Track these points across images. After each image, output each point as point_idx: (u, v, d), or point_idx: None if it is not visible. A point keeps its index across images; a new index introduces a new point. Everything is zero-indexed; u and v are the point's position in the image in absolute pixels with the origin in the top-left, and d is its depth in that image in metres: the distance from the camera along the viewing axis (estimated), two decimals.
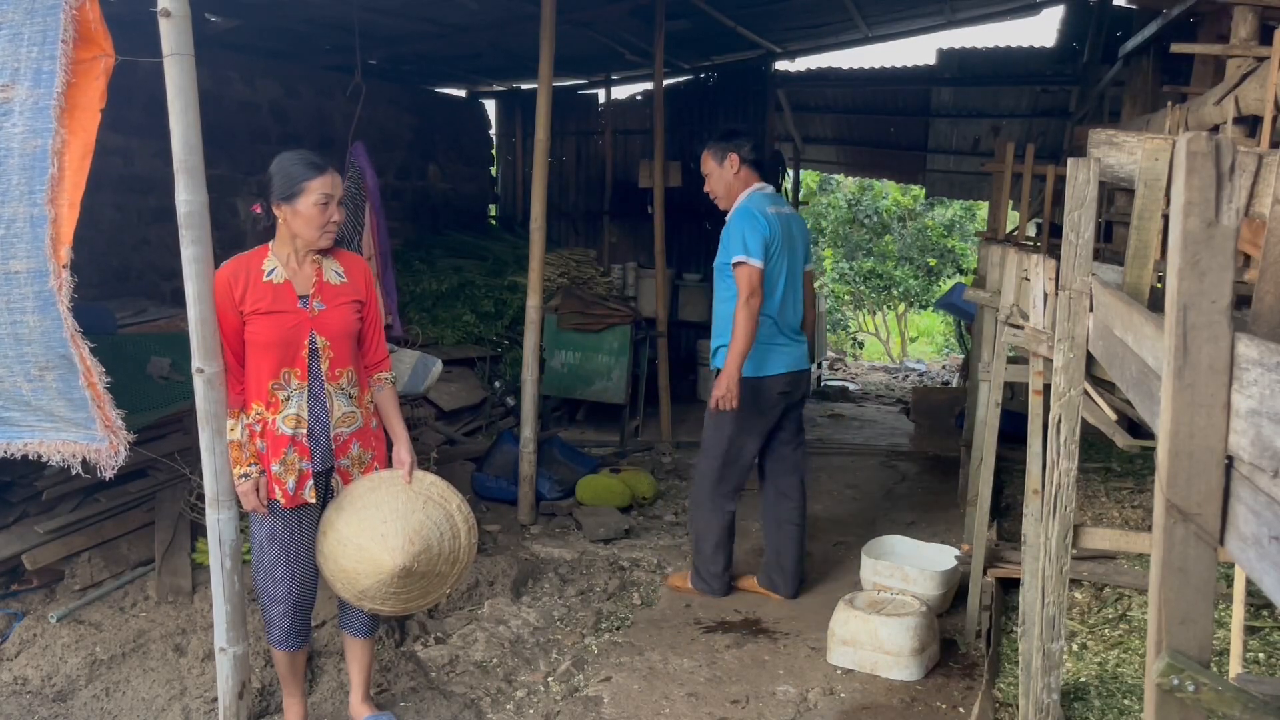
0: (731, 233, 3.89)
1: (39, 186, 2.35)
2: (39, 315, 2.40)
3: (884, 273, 14.75)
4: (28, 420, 2.56)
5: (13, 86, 2.36)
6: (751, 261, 3.76)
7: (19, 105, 2.37)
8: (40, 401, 2.50)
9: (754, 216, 3.86)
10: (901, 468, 6.36)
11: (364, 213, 4.99)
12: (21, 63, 2.36)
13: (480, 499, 5.15)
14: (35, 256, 2.37)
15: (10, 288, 2.39)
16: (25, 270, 2.37)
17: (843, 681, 3.39)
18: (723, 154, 3.99)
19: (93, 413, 2.49)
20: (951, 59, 8.48)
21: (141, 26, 2.50)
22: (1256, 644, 3.03)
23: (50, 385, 2.46)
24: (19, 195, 2.36)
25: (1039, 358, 2.56)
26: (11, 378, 2.47)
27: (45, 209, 2.35)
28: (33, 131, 2.36)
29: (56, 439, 2.54)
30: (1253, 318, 1.35)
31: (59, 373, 2.45)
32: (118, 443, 2.53)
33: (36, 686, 3.20)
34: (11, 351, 2.44)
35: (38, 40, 2.36)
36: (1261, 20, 3.54)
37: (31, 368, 2.44)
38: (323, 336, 2.75)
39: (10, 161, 2.37)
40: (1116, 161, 2.32)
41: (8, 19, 2.39)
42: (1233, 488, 1.08)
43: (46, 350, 2.42)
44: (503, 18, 6.14)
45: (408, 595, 2.84)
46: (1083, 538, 2.25)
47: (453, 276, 7.32)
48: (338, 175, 2.76)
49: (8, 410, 2.55)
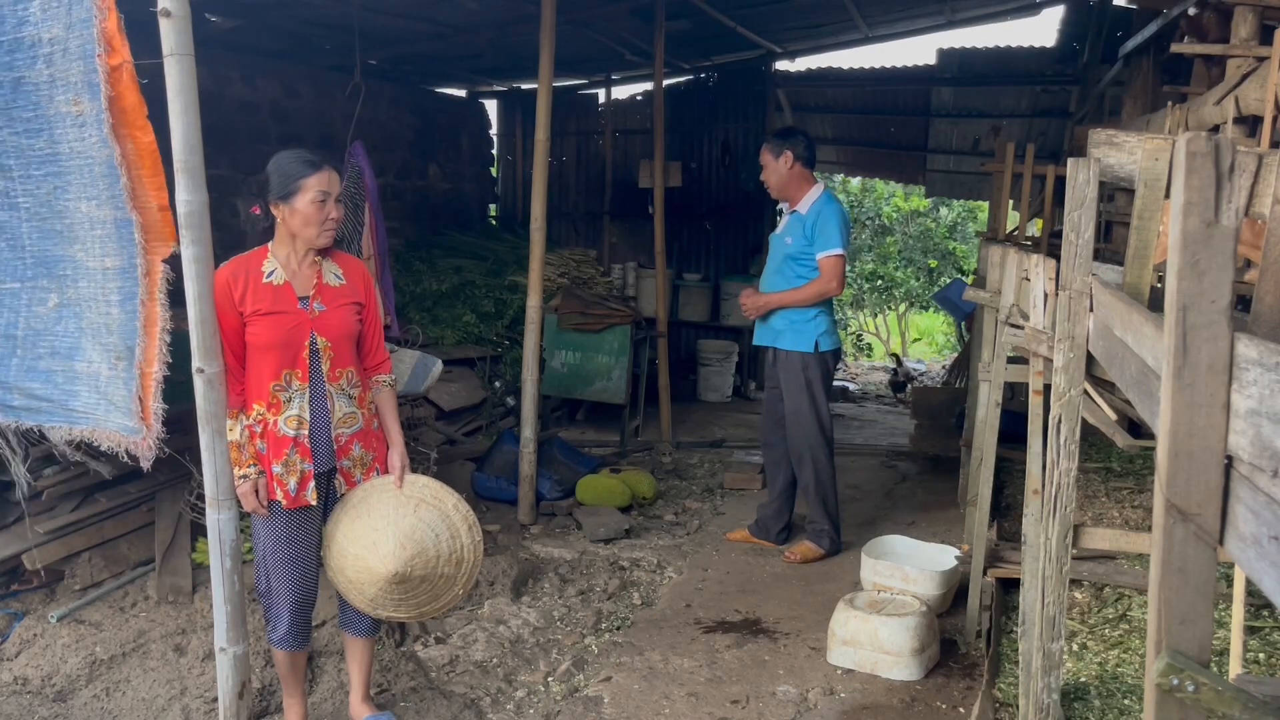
0: (827, 225, 4.39)
1: (119, 191, 2.52)
2: (119, 309, 2.61)
3: (885, 274, 14.76)
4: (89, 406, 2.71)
5: (81, 100, 2.50)
6: (844, 254, 4.42)
7: (88, 117, 2.51)
8: (110, 389, 2.66)
9: (845, 213, 4.49)
10: (901, 468, 6.36)
11: (363, 212, 4.99)
12: (77, 77, 2.49)
13: (480, 499, 5.15)
14: (121, 255, 2.58)
15: (105, 281, 2.62)
16: (115, 267, 2.60)
17: (843, 681, 3.39)
18: (779, 150, 4.50)
19: (134, 403, 2.62)
20: (951, 59, 8.48)
21: (141, 26, 2.50)
22: (1256, 644, 3.03)
23: (120, 374, 2.64)
24: (107, 199, 2.55)
25: (1039, 358, 2.55)
26: (100, 363, 2.67)
27: (130, 214, 2.52)
28: (102, 142, 2.50)
29: (108, 427, 2.68)
30: (1253, 318, 1.35)
31: (126, 363, 2.63)
32: (150, 436, 2.63)
33: (36, 686, 3.20)
34: (105, 339, 2.65)
35: (80, 54, 2.47)
36: (1261, 20, 3.54)
37: (112, 356, 2.64)
38: (323, 338, 2.75)
39: (95, 169, 2.54)
40: (1116, 161, 2.32)
41: (55, 35, 2.50)
42: (1232, 488, 1.08)
43: (121, 341, 2.62)
44: (503, 18, 6.14)
45: (417, 600, 2.84)
46: (1083, 538, 2.25)
47: (453, 276, 7.32)
48: (335, 172, 2.75)
49: (77, 397, 2.71)
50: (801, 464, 4.57)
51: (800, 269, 4.49)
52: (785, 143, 4.50)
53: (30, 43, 2.53)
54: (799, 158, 4.49)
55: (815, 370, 4.49)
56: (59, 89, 2.53)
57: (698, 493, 5.71)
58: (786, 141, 4.51)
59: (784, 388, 4.57)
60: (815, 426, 4.51)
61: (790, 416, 4.56)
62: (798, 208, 4.52)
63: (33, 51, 2.53)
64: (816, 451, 4.53)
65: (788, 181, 4.52)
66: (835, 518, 4.62)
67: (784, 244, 4.54)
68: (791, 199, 4.56)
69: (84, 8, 2.45)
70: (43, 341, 2.71)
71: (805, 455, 4.54)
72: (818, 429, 4.51)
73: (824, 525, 4.58)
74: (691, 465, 6.33)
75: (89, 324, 2.66)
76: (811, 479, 4.55)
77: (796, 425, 4.53)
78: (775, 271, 4.61)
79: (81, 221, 2.60)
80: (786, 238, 4.54)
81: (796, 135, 4.58)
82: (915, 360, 13.88)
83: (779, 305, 4.52)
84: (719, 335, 8.77)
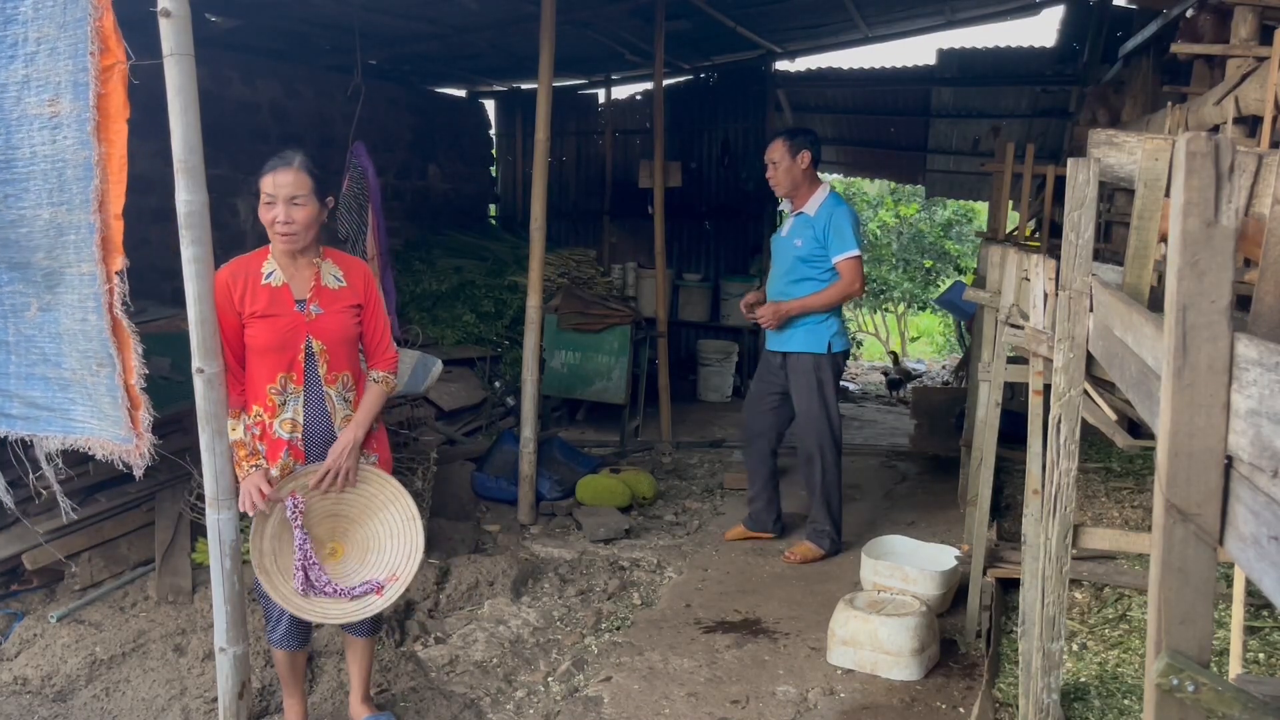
0: (842, 226, 4.37)
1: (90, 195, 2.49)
2: (97, 316, 2.57)
3: (879, 277, 14.76)
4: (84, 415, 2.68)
5: (59, 101, 2.46)
6: (861, 255, 4.40)
7: (66, 119, 2.47)
8: (96, 396, 2.64)
9: (855, 213, 4.47)
10: (901, 468, 6.36)
11: (368, 212, 4.99)
12: (62, 76, 2.45)
13: (480, 499, 5.15)
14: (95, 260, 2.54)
15: (81, 287, 2.58)
16: (90, 273, 2.55)
17: (843, 681, 3.39)
18: (798, 149, 4.40)
19: (123, 413, 2.59)
20: (951, 59, 8.48)
21: (141, 26, 2.50)
22: (1256, 644, 3.03)
23: (103, 381, 2.61)
24: (80, 204, 2.51)
25: (1039, 358, 2.55)
26: (82, 370, 2.64)
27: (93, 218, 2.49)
28: (80, 144, 2.47)
29: (102, 435, 2.66)
30: (1253, 318, 1.35)
31: (108, 370, 2.60)
32: (141, 445, 2.61)
33: (36, 686, 3.20)
34: (83, 346, 2.61)
35: (70, 53, 2.44)
36: (1261, 20, 3.54)
37: (92, 363, 2.61)
38: (319, 341, 2.74)
39: (68, 173, 2.50)
40: (1116, 161, 2.32)
41: (46, 34, 2.46)
42: (1232, 488, 1.08)
43: (101, 348, 2.59)
44: (503, 18, 6.14)
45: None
46: (1083, 538, 2.25)
47: (453, 276, 7.32)
48: (300, 174, 2.67)
49: (74, 405, 2.68)
50: (810, 464, 4.55)
51: (812, 271, 4.43)
52: (804, 141, 4.43)
53: (12, 41, 2.49)
54: (816, 158, 4.46)
55: (827, 371, 4.47)
56: (32, 90, 2.49)
57: (698, 493, 5.71)
58: (806, 140, 4.44)
59: (795, 388, 4.53)
60: (826, 427, 4.49)
61: (801, 417, 4.54)
62: (804, 209, 4.45)
63: (12, 51, 2.49)
64: (826, 452, 4.51)
65: (800, 181, 4.45)
66: (838, 519, 4.61)
67: (793, 247, 4.47)
68: (799, 199, 4.49)
69: (79, 6, 2.43)
70: (34, 348, 2.68)
71: (815, 455, 4.52)
72: (829, 429, 4.50)
73: (825, 526, 4.57)
74: (691, 465, 6.33)
75: (66, 330, 2.61)
76: (819, 479, 4.53)
77: (808, 426, 4.51)
78: (785, 275, 4.52)
79: (43, 229, 2.54)
80: (795, 240, 4.46)
81: (811, 135, 4.52)
82: (915, 360, 13.87)
83: (801, 312, 4.44)
84: (719, 335, 8.78)
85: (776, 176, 4.45)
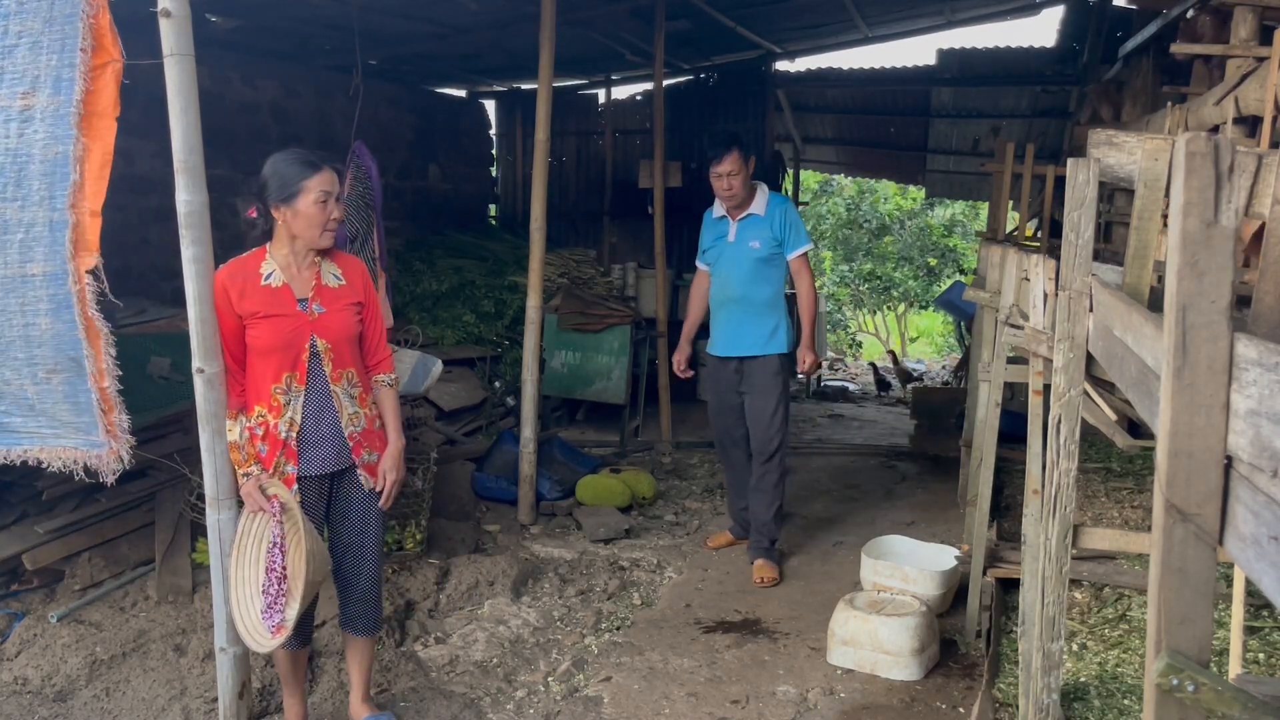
0: (797, 222, 4.48)
1: (60, 192, 2.41)
2: (51, 318, 2.45)
3: (883, 274, 14.76)
4: (29, 426, 2.58)
5: (33, 94, 2.41)
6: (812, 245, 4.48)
7: (40, 112, 2.41)
8: (45, 405, 2.53)
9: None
10: (901, 468, 6.36)
11: (373, 212, 4.98)
12: (42, 71, 2.41)
13: (480, 499, 5.15)
14: (53, 260, 2.44)
15: (26, 290, 2.46)
16: (42, 273, 2.44)
17: (843, 681, 3.39)
18: (747, 155, 4.43)
19: (96, 417, 2.51)
20: (951, 59, 8.48)
21: (141, 26, 2.50)
22: (1256, 644, 3.03)
23: (56, 388, 2.50)
24: (39, 200, 2.43)
25: (1039, 358, 2.56)
26: (19, 380, 2.51)
27: (66, 214, 2.41)
28: (53, 138, 2.41)
29: (57, 445, 2.56)
30: (1253, 318, 1.35)
31: (66, 375, 2.48)
32: (119, 448, 2.54)
33: (36, 686, 3.20)
34: (21, 354, 2.48)
35: (56, 48, 2.40)
36: (1261, 21, 3.55)
37: (40, 370, 2.49)
38: (324, 340, 2.74)
39: (31, 168, 2.43)
40: (1116, 161, 2.32)
41: (28, 28, 2.43)
42: (1232, 488, 1.08)
43: (56, 353, 2.47)
44: (503, 18, 6.13)
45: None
46: (1083, 538, 2.25)
47: (453, 276, 7.32)
48: (334, 172, 2.73)
49: (9, 416, 2.57)
50: (771, 463, 4.47)
51: (771, 271, 4.44)
52: (744, 148, 4.43)
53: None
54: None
55: (786, 370, 4.52)
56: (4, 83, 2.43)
57: (698, 493, 5.71)
58: (743, 146, 4.43)
59: (756, 390, 4.45)
60: (785, 426, 4.49)
61: (765, 418, 4.45)
62: (753, 210, 4.43)
63: None
64: (784, 451, 4.52)
65: (749, 187, 4.45)
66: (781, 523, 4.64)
67: (750, 249, 4.40)
68: (745, 203, 4.45)
69: (68, 2, 2.39)
70: None
71: (777, 455, 4.47)
72: (786, 428, 4.51)
73: (776, 532, 4.51)
74: (691, 465, 6.33)
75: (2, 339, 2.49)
76: (777, 478, 4.49)
77: (770, 426, 4.45)
78: (744, 280, 4.44)
79: None
80: (751, 243, 4.40)
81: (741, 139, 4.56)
82: (915, 360, 13.87)
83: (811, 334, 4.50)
84: None
85: (735, 188, 4.36)
